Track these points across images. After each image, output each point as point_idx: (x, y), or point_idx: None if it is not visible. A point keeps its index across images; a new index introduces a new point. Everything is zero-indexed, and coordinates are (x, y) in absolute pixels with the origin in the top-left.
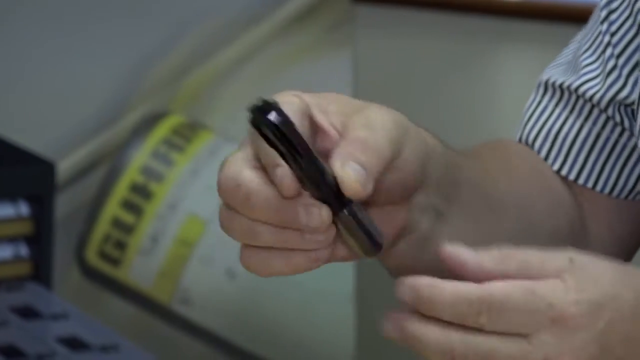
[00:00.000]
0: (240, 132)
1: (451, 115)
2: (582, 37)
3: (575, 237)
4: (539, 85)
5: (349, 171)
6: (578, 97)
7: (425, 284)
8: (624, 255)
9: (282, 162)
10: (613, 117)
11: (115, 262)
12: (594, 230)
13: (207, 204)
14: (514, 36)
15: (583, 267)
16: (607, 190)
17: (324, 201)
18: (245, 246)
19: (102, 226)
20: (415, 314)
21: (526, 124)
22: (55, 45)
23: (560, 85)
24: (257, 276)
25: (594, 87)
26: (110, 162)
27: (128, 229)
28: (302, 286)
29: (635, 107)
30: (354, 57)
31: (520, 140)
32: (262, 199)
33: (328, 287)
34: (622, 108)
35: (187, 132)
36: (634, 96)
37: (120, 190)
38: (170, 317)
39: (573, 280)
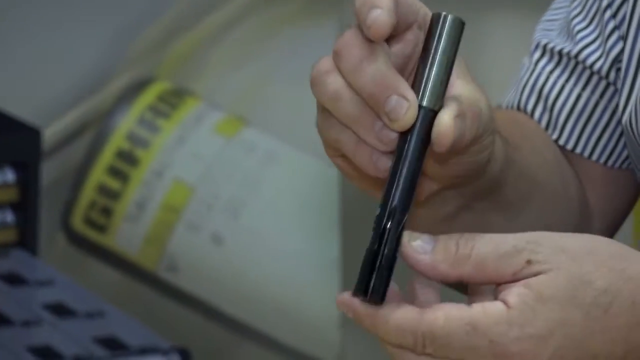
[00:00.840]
0: (226, 99)
1: None
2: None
3: (582, 212)
4: (535, 49)
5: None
6: (577, 64)
7: (365, 314)
8: (616, 227)
9: (381, 4)
10: (615, 83)
11: (101, 228)
12: (592, 203)
13: (193, 170)
14: (501, 3)
15: (537, 273)
16: (603, 159)
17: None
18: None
19: (88, 193)
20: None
21: (523, 90)
22: (40, 12)
23: (560, 52)
24: (243, 242)
25: (594, 54)
26: (96, 128)
27: (114, 196)
28: (288, 252)
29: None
30: (341, 22)
31: (518, 107)
32: (371, 68)
33: (313, 252)
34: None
35: (172, 99)
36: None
37: (106, 156)
38: (156, 283)
39: (517, 311)
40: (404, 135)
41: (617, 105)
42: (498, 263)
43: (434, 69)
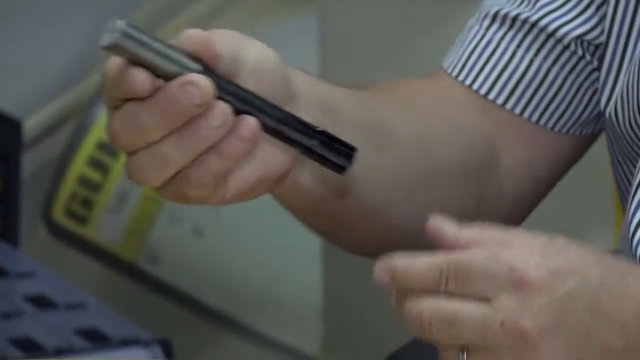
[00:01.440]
0: None
1: (418, 76)
2: None
3: (482, 171)
4: (483, 17)
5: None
6: (533, 29)
7: (401, 259)
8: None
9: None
10: (575, 51)
11: (82, 220)
12: (508, 163)
13: None
14: None
15: (559, 242)
16: (535, 118)
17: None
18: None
19: (69, 184)
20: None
21: (469, 57)
22: (20, 4)
23: (514, 18)
24: (224, 234)
25: (558, 20)
26: (77, 120)
27: (95, 187)
28: (270, 243)
29: (603, 48)
30: (320, 14)
31: (458, 73)
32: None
33: (295, 243)
34: (586, 45)
35: None
36: (602, 39)
37: (87, 148)
38: (137, 275)
39: (539, 247)
40: None
41: (571, 71)
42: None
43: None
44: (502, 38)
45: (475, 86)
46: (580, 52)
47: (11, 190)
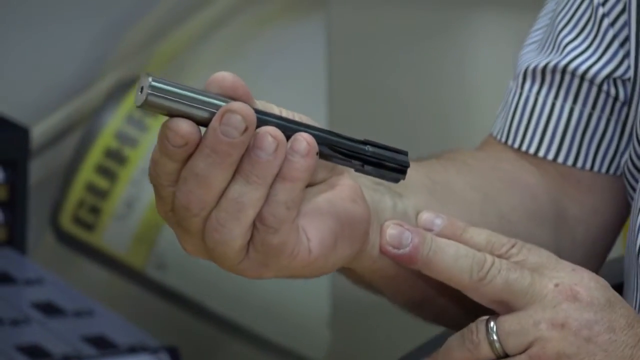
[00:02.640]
0: None
1: (423, 80)
2: (554, 15)
3: (551, 221)
4: (517, 77)
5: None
6: (564, 75)
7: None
8: (609, 241)
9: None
10: (608, 92)
11: (89, 227)
12: (575, 212)
13: None
14: (487, 1)
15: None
16: (588, 165)
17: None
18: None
19: (77, 191)
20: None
21: (512, 119)
22: (27, 11)
23: (543, 70)
24: None
25: (586, 62)
26: (85, 127)
27: (102, 194)
28: None
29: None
30: (327, 20)
31: (507, 138)
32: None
33: None
34: (617, 82)
35: None
36: (630, 73)
37: (95, 155)
38: (145, 282)
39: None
40: None
41: (611, 111)
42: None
43: None
44: (539, 93)
45: (524, 147)
46: (613, 92)
47: (19, 197)
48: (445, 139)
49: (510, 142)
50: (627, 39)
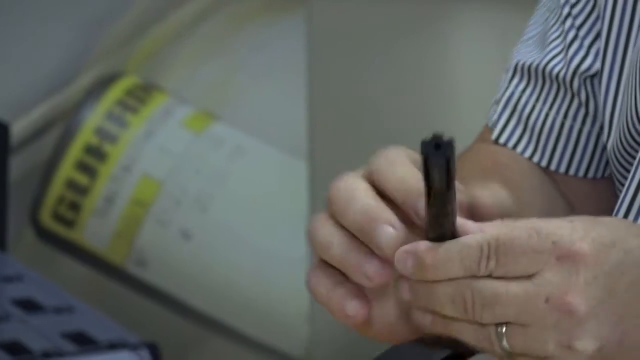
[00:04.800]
0: (193, 93)
1: (406, 78)
2: (550, 11)
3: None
4: (508, 69)
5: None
6: (545, 79)
7: (428, 249)
8: None
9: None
10: (579, 93)
11: (69, 223)
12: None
13: (162, 165)
14: None
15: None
16: (582, 172)
17: (440, 239)
18: (316, 266)
19: (56, 188)
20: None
21: (501, 114)
22: (8, 6)
23: (529, 68)
24: (211, 237)
25: (559, 64)
26: (64, 123)
27: (82, 191)
28: (257, 247)
29: (598, 78)
30: (308, 17)
31: (492, 125)
32: (361, 203)
33: (283, 249)
34: (587, 81)
35: (141, 94)
36: (597, 66)
37: (75, 151)
38: (124, 278)
39: (581, 222)
40: None
41: (583, 122)
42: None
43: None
44: (524, 91)
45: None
46: (583, 95)
47: None
48: (428, 135)
49: (493, 130)
50: (597, 35)
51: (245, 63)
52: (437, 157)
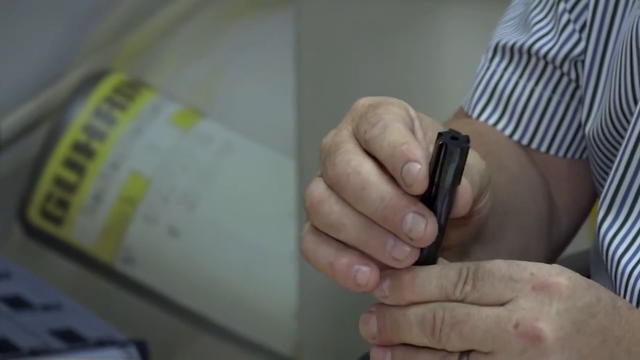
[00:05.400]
0: (182, 90)
1: (394, 74)
2: None
3: (550, 215)
4: (488, 50)
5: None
6: (530, 57)
7: (405, 270)
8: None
9: (418, 158)
10: (568, 73)
11: (57, 221)
12: (558, 201)
13: (150, 162)
14: None
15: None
16: (563, 152)
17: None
18: (312, 232)
19: (44, 185)
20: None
21: (475, 90)
22: None
23: (512, 47)
24: (199, 234)
25: (548, 44)
26: (52, 120)
27: (70, 188)
28: (245, 244)
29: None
30: (295, 14)
31: (468, 108)
32: (377, 192)
33: (271, 245)
34: (578, 64)
35: (129, 91)
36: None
37: (63, 149)
38: (112, 276)
39: (558, 266)
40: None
41: (572, 97)
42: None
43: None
44: (505, 69)
45: (482, 118)
46: (573, 74)
47: None
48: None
49: (470, 112)
50: (585, 23)
51: (234, 60)
52: (454, 147)
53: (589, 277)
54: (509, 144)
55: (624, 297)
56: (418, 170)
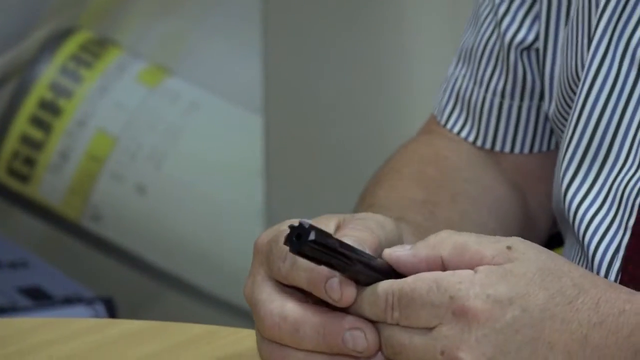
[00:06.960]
0: (148, 49)
1: (362, 32)
2: None
3: (524, 227)
4: (455, 54)
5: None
6: (481, 59)
7: (346, 289)
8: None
9: (334, 272)
10: (515, 69)
11: (24, 178)
12: (534, 204)
13: (117, 120)
14: None
15: (515, 258)
16: (527, 148)
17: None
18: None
19: (11, 143)
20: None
21: (444, 94)
22: None
23: (468, 51)
24: (167, 192)
25: (491, 39)
26: (19, 78)
27: (37, 146)
28: (212, 201)
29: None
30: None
31: (438, 112)
32: (310, 328)
33: (238, 202)
34: (523, 54)
35: (95, 49)
36: (531, 37)
37: (29, 106)
38: (80, 233)
39: (484, 274)
40: None
41: (521, 93)
42: (479, 245)
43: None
44: (465, 75)
45: (448, 125)
46: (520, 68)
47: None
48: (383, 105)
49: (439, 117)
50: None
51: (201, 18)
52: (295, 247)
53: None
54: (472, 162)
55: (582, 243)
56: (339, 282)
